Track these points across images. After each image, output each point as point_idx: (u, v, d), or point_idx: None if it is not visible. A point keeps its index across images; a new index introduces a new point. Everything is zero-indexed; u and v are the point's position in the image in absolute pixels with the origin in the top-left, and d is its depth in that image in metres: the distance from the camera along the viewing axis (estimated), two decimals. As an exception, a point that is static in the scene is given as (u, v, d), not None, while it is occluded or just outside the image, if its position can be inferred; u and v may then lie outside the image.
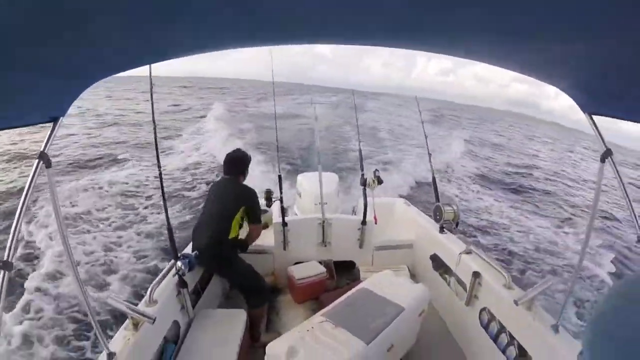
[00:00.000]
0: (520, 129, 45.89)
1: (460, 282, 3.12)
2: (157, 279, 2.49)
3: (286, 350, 2.00)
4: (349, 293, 2.65)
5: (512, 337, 2.44)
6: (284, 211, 3.66)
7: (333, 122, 21.64)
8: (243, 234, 3.16)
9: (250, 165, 3.20)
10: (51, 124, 1.47)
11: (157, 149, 2.64)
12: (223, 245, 2.92)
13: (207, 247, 2.88)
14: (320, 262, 3.80)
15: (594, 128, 1.80)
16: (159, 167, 2.65)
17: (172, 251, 2.64)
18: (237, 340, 2.59)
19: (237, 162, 3.12)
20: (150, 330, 2.16)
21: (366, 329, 2.21)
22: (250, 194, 3.06)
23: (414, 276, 3.99)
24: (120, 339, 1.99)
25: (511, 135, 35.45)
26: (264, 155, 11.92)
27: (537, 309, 2.32)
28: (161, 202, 2.73)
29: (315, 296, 3.61)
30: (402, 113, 32.50)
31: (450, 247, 3.30)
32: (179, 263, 2.56)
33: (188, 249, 3.06)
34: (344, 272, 4.03)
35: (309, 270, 3.64)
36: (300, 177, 5.09)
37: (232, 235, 2.95)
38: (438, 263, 3.55)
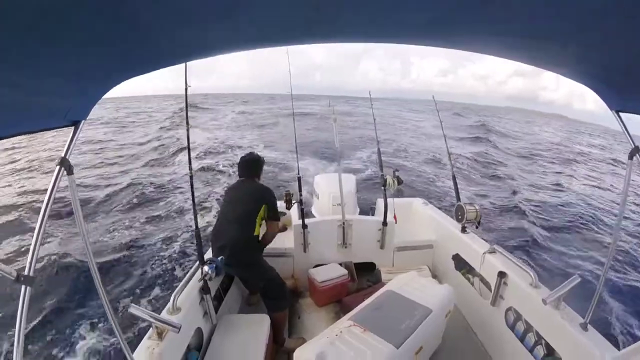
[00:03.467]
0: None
1: (484, 281, 3.09)
2: (180, 285, 2.46)
3: (315, 356, 2.00)
4: (375, 296, 2.65)
5: (539, 337, 2.41)
6: (304, 213, 3.68)
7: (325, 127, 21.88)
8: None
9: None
10: (72, 128, 1.39)
11: (189, 151, 2.66)
12: (250, 244, 2.95)
13: (233, 247, 2.87)
14: (340, 264, 3.81)
15: (622, 125, 1.77)
16: (190, 168, 2.64)
17: (198, 256, 2.62)
18: (262, 346, 2.56)
19: (252, 165, 3.20)
20: (175, 339, 2.12)
21: (395, 332, 2.21)
22: (270, 192, 3.13)
23: (435, 276, 3.95)
24: (144, 349, 1.95)
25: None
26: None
27: (565, 308, 2.29)
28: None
29: (337, 299, 3.61)
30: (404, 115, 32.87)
31: (474, 246, 3.27)
32: (205, 268, 2.53)
33: (207, 255, 3.07)
34: (364, 274, 4.02)
35: (330, 272, 3.64)
36: (317, 178, 5.10)
37: (256, 233, 2.99)
38: (461, 263, 3.52)
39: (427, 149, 18.13)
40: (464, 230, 3.52)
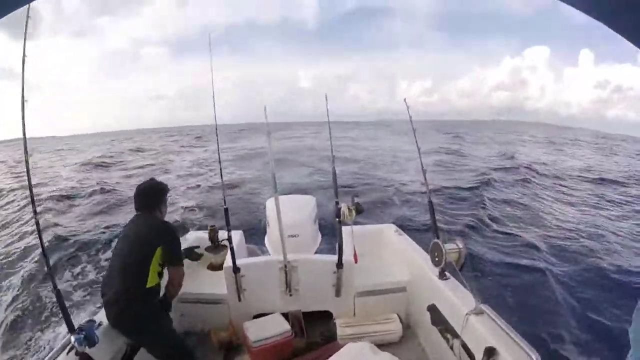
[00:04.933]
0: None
1: (467, 350, 2.25)
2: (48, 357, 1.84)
3: None
4: None
5: None
6: (233, 253, 2.89)
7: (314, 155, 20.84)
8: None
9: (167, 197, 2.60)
10: None
11: (29, 177, 1.96)
12: (139, 300, 2.20)
13: (116, 303, 2.18)
14: (286, 315, 3.02)
15: None
16: (33, 202, 1.93)
17: (65, 321, 1.96)
18: None
19: (150, 194, 2.50)
20: None
21: None
22: (167, 228, 2.43)
23: (408, 327, 3.14)
24: None
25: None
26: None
27: None
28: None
29: (281, 359, 2.83)
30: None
31: (454, 301, 2.44)
32: (72, 338, 1.90)
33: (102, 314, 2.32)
34: (318, 323, 3.21)
35: (269, 328, 2.85)
36: (268, 203, 4.26)
37: (149, 284, 2.24)
38: (438, 318, 2.67)
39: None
40: (442, 275, 2.68)
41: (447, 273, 2.68)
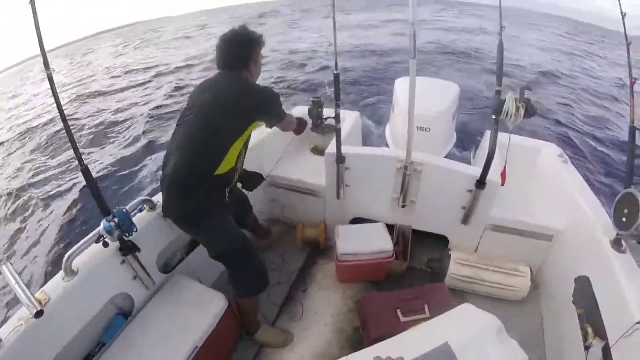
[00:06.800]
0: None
1: None
2: (80, 243, 1.53)
3: None
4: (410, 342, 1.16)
5: None
6: (340, 136, 2.14)
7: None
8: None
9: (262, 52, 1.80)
10: None
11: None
12: (201, 185, 1.64)
13: (171, 184, 1.67)
14: (391, 228, 2.36)
15: None
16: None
17: (98, 206, 1.60)
18: (193, 338, 1.63)
19: (237, 46, 1.69)
20: (68, 312, 1.47)
21: None
22: (266, 94, 1.72)
23: (535, 288, 2.24)
24: (8, 328, 1.33)
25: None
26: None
27: None
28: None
29: (369, 279, 2.32)
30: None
31: (626, 293, 1.42)
32: (101, 226, 1.53)
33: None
34: (427, 249, 2.50)
35: (367, 240, 2.22)
36: (398, 82, 3.30)
37: (221, 171, 1.64)
38: (587, 301, 1.66)
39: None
40: (618, 244, 1.62)
41: (624, 244, 1.61)
